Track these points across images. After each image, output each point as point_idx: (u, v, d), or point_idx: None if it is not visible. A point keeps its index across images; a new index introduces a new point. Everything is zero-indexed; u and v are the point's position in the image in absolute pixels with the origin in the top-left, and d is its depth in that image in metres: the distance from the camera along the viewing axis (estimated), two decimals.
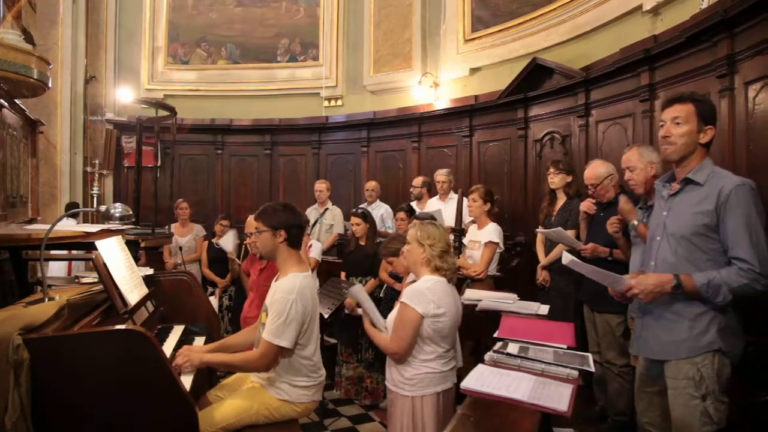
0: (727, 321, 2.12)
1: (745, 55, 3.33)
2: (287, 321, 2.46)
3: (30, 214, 3.94)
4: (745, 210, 2.06)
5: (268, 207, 2.70)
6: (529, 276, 4.58)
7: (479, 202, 4.30)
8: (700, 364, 2.12)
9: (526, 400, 1.84)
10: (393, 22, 7.60)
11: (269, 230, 2.62)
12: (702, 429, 2.10)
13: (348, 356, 4.41)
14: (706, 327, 2.12)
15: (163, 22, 8.39)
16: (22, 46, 2.92)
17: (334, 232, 6.14)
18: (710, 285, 2.05)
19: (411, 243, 2.63)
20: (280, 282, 2.61)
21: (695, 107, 2.20)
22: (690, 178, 2.22)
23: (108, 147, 7.80)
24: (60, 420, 1.97)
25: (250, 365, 2.57)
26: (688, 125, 2.20)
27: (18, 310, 2.06)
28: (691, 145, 2.21)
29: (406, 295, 2.52)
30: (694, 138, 2.20)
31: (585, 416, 3.65)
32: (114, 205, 2.83)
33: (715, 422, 2.10)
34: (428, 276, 2.57)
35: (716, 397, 2.10)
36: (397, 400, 2.57)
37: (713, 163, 2.26)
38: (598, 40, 5.17)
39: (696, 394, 2.11)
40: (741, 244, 2.05)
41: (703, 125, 2.20)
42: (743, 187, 2.09)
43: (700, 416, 2.10)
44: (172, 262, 5.77)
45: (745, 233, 2.04)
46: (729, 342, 2.12)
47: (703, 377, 2.11)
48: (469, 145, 6.58)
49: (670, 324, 2.20)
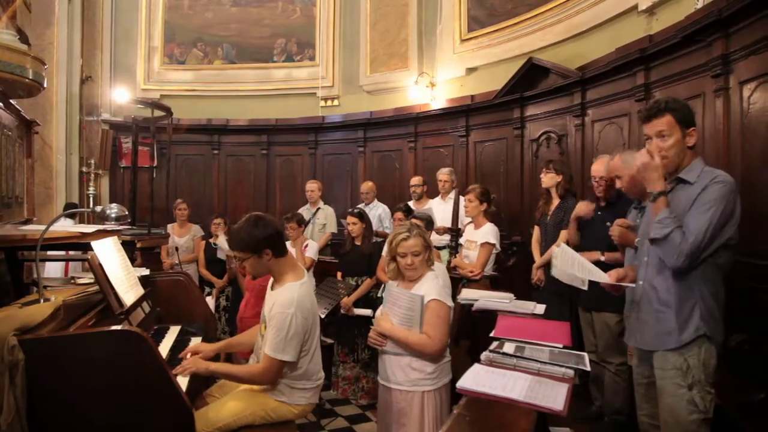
0: (709, 306, 2.21)
1: (739, 55, 3.34)
2: (288, 336, 2.42)
3: (26, 214, 3.93)
4: (714, 198, 2.15)
5: (239, 232, 2.54)
6: (525, 275, 4.59)
7: (475, 203, 4.31)
8: (687, 354, 2.20)
9: (522, 400, 1.85)
10: (389, 22, 7.60)
11: (253, 255, 2.52)
12: (689, 417, 2.17)
13: (344, 356, 4.41)
14: (690, 314, 2.21)
15: (159, 22, 8.37)
16: (17, 47, 2.90)
17: (327, 232, 6.13)
18: (669, 215, 2.18)
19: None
20: (278, 293, 2.56)
21: (674, 116, 2.27)
22: (681, 177, 2.30)
23: (104, 147, 7.77)
24: (55, 421, 1.96)
25: (256, 380, 2.53)
26: (674, 135, 2.27)
27: (13, 310, 2.06)
28: (681, 153, 2.29)
29: (434, 293, 2.64)
30: (682, 145, 2.28)
31: (581, 415, 3.66)
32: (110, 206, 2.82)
33: (701, 410, 2.17)
34: (431, 272, 2.78)
35: (703, 387, 2.18)
36: (415, 399, 2.61)
37: (704, 162, 2.32)
38: (594, 39, 5.18)
39: (683, 383, 2.19)
40: (696, 218, 2.15)
41: (686, 130, 2.28)
42: (719, 182, 2.18)
43: (687, 405, 2.18)
44: (169, 263, 5.76)
45: (703, 213, 2.14)
46: (713, 327, 2.20)
47: (690, 367, 2.19)
48: (466, 145, 6.59)
49: (657, 315, 2.30)
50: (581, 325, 3.75)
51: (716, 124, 3.53)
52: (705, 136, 3.66)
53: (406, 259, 2.71)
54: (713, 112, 3.57)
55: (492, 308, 3.20)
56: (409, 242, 2.70)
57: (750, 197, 3.21)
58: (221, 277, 5.55)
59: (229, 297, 5.50)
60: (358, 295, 4.35)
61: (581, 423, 3.54)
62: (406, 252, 2.70)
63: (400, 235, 2.74)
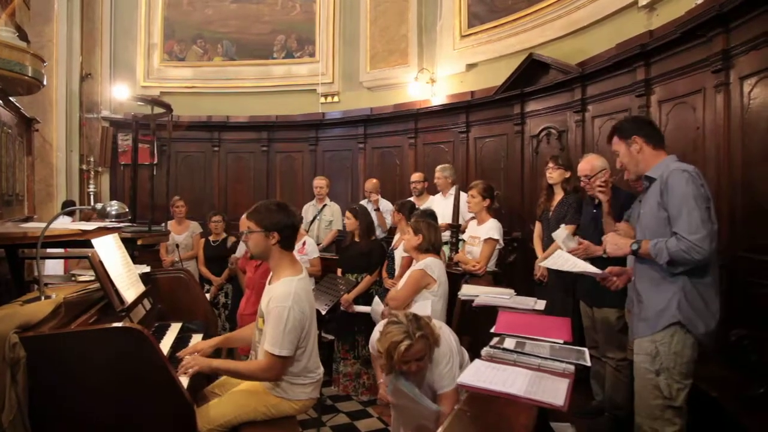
0: (688, 298, 2.30)
1: (740, 50, 3.34)
2: (285, 330, 2.42)
3: (26, 212, 3.93)
4: (679, 191, 2.29)
5: (261, 206, 2.59)
6: (526, 271, 4.59)
7: (478, 198, 4.30)
8: (659, 342, 2.33)
9: (522, 395, 1.85)
10: (389, 18, 7.59)
11: (261, 231, 2.53)
12: (653, 402, 2.30)
13: (345, 353, 4.42)
14: (668, 303, 2.32)
15: (158, 19, 8.36)
16: (16, 44, 2.90)
17: (333, 228, 6.14)
18: (656, 246, 2.30)
19: None
20: (274, 287, 2.55)
21: (617, 134, 2.61)
22: (648, 175, 2.51)
23: (104, 144, 7.78)
24: (57, 418, 1.97)
25: (260, 376, 2.52)
26: (621, 149, 2.59)
27: (14, 308, 2.06)
28: (634, 160, 2.55)
29: (449, 381, 2.51)
30: (630, 155, 2.56)
31: (582, 411, 3.66)
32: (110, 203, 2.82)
33: (665, 396, 2.28)
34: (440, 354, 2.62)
35: (671, 375, 2.28)
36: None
37: (676, 159, 2.48)
38: (594, 35, 5.18)
39: (651, 368, 2.33)
40: (677, 222, 2.28)
41: (627, 140, 2.55)
42: (677, 172, 2.33)
43: (653, 389, 2.31)
44: (169, 260, 5.76)
45: (680, 212, 2.28)
46: (689, 317, 2.29)
47: (659, 353, 2.32)
48: (466, 141, 6.59)
49: (642, 306, 2.45)
50: (582, 321, 3.75)
51: (716, 120, 3.53)
52: (705, 132, 3.66)
53: (409, 365, 2.41)
54: (713, 108, 3.57)
55: (492, 304, 3.20)
56: (413, 350, 2.37)
57: (749, 192, 3.22)
58: (220, 275, 5.55)
59: (228, 294, 5.51)
60: (357, 292, 4.35)
61: (582, 418, 3.55)
62: (409, 359, 2.39)
63: (401, 344, 2.36)
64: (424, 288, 3.32)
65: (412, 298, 3.33)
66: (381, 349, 2.45)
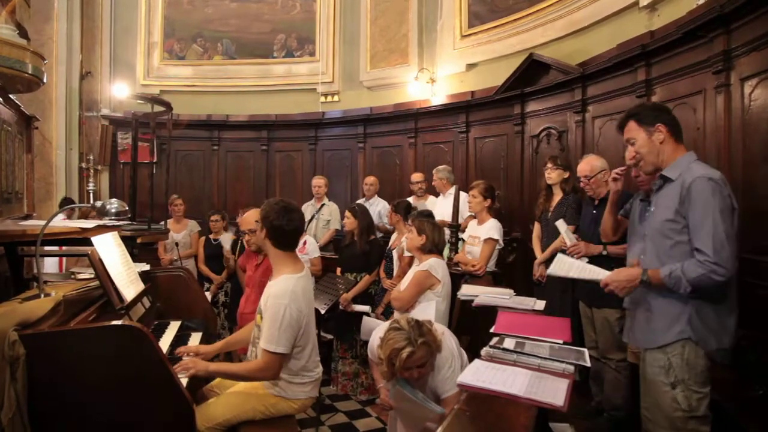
0: (700, 315, 2.19)
1: (741, 51, 3.33)
2: (282, 327, 2.42)
3: (25, 210, 3.92)
4: (703, 202, 2.13)
5: (269, 201, 2.68)
6: (526, 271, 4.59)
7: (479, 198, 4.30)
8: (670, 353, 2.23)
9: (522, 395, 1.84)
10: (389, 18, 7.59)
11: (258, 225, 2.65)
12: (674, 414, 2.20)
13: (344, 352, 4.42)
14: (677, 317, 2.21)
15: (158, 18, 8.36)
16: (16, 41, 2.89)
17: (330, 228, 6.14)
18: (671, 276, 2.15)
19: None
20: (273, 284, 2.58)
21: (635, 120, 2.36)
22: (664, 175, 2.31)
23: (103, 143, 7.77)
24: (56, 416, 1.96)
25: (257, 376, 2.51)
26: (640, 137, 2.35)
27: (14, 306, 2.06)
28: (654, 150, 2.33)
29: (452, 385, 2.42)
30: (651, 145, 2.33)
31: (581, 411, 3.66)
32: (110, 201, 2.82)
33: (683, 409, 2.18)
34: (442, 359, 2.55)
35: (687, 386, 2.19)
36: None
37: (695, 159, 2.31)
38: (595, 35, 5.17)
39: (666, 381, 2.23)
40: (699, 235, 2.12)
41: (650, 128, 2.32)
42: (702, 180, 2.15)
43: (671, 402, 2.21)
44: (168, 258, 5.75)
45: (702, 225, 2.12)
46: (700, 334, 2.19)
47: (672, 366, 2.21)
48: (466, 141, 6.58)
49: (649, 315, 2.33)
50: (582, 321, 3.75)
51: (717, 121, 3.53)
52: (706, 133, 3.65)
53: (411, 372, 2.34)
54: (714, 109, 3.56)
55: (492, 304, 3.20)
56: (415, 357, 2.30)
57: (750, 193, 3.21)
58: (220, 274, 5.55)
59: (228, 292, 5.50)
60: (356, 291, 4.35)
61: (581, 419, 3.55)
62: (411, 366, 2.33)
63: (403, 351, 2.28)
64: (429, 289, 3.32)
65: (416, 299, 3.32)
66: (382, 356, 2.37)
